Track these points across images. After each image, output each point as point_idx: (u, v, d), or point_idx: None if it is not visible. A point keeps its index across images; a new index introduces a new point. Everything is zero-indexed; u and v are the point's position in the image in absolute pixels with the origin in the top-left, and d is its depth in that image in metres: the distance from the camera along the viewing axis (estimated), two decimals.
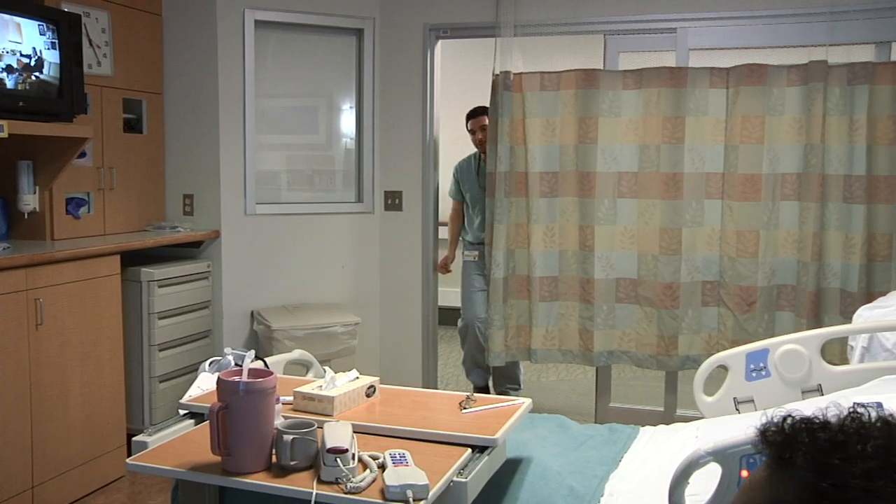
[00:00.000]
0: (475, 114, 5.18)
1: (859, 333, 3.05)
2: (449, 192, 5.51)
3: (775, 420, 0.98)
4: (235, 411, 2.10)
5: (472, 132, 5.19)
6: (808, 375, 2.92)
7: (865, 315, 3.23)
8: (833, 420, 0.96)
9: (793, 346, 2.95)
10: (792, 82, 4.17)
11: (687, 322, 4.42)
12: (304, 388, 2.59)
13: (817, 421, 0.96)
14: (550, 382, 5.82)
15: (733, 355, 3.03)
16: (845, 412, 0.96)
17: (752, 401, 2.95)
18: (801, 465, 0.93)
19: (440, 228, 5.28)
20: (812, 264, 4.20)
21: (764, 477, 0.98)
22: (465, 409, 2.57)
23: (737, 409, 2.97)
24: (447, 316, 6.02)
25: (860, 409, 0.97)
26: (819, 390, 2.88)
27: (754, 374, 3.03)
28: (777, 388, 2.94)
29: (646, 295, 4.49)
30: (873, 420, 0.95)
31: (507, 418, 2.48)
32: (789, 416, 0.98)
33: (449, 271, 5.51)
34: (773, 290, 4.31)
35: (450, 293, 6.25)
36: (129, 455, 3.88)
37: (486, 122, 4.87)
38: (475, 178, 5.27)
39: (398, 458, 2.19)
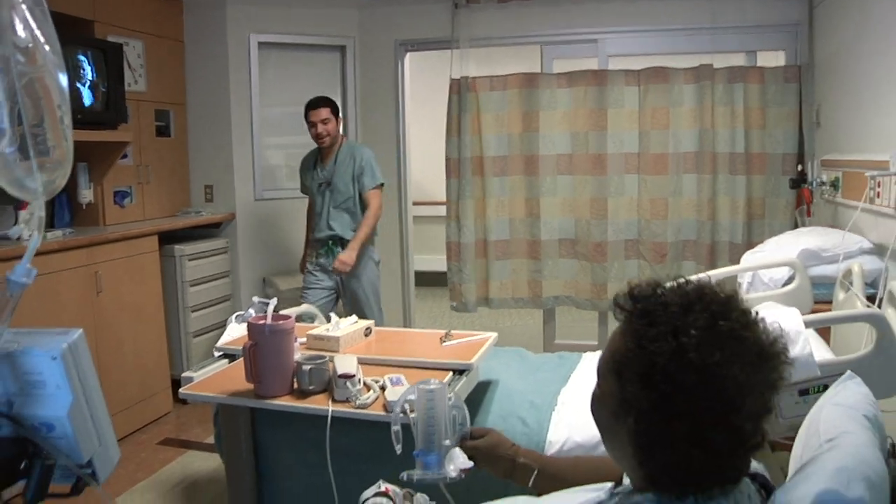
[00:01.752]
0: (314, 105, 4.01)
1: (744, 272, 3.14)
2: (301, 188, 4.35)
3: (625, 289, 1.10)
4: (263, 347, 2.17)
5: (311, 125, 4.02)
6: None
7: (748, 258, 3.35)
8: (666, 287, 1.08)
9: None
10: (688, 80, 4.27)
11: (614, 272, 4.52)
12: (315, 331, 2.66)
13: (653, 288, 1.08)
14: (506, 327, 5.90)
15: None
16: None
17: None
18: (632, 315, 1.05)
19: (410, 208, 5.25)
20: (707, 223, 4.33)
21: (617, 329, 1.09)
22: (444, 342, 2.61)
23: None
24: (422, 278, 6.06)
25: (689, 279, 1.09)
26: None
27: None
28: None
29: (581, 251, 4.58)
30: (695, 284, 1.07)
31: (479, 347, 2.53)
32: (636, 286, 1.09)
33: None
34: (679, 244, 4.42)
35: (424, 259, 6.31)
36: (174, 396, 3.99)
37: (326, 114, 3.98)
38: (312, 172, 4.17)
39: (395, 380, 2.26)
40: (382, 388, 2.21)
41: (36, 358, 0.74)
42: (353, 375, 2.17)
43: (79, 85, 3.78)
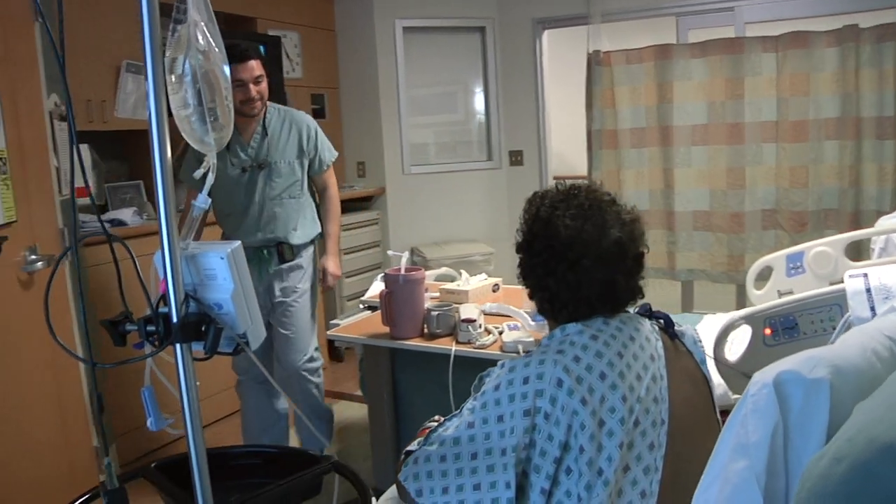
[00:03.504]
0: (241, 57, 2.83)
1: (873, 235, 3.12)
2: (180, 175, 3.02)
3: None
4: (397, 295, 2.50)
5: (238, 85, 2.81)
6: (835, 270, 2.97)
7: (883, 222, 3.31)
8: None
9: (822, 248, 3.03)
10: (830, 44, 4.15)
11: (751, 244, 4.49)
12: (447, 286, 2.97)
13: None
14: (648, 298, 5.97)
15: (776, 257, 3.09)
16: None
17: (792, 291, 3.06)
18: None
19: (550, 179, 5.44)
20: (850, 190, 4.21)
21: None
22: None
23: (780, 298, 3.11)
24: None
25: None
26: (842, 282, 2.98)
27: (793, 272, 3.09)
28: (810, 281, 3.01)
29: (717, 223, 4.58)
30: (581, 188, 1.49)
31: None
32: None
33: None
34: (820, 213, 4.34)
35: None
36: (330, 353, 4.45)
37: (259, 70, 2.90)
38: (223, 154, 2.91)
39: (513, 326, 2.54)
40: (500, 333, 2.49)
41: (210, 258, 1.09)
42: (475, 320, 2.47)
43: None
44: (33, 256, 2.67)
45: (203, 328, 1.05)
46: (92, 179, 3.54)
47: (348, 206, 5.03)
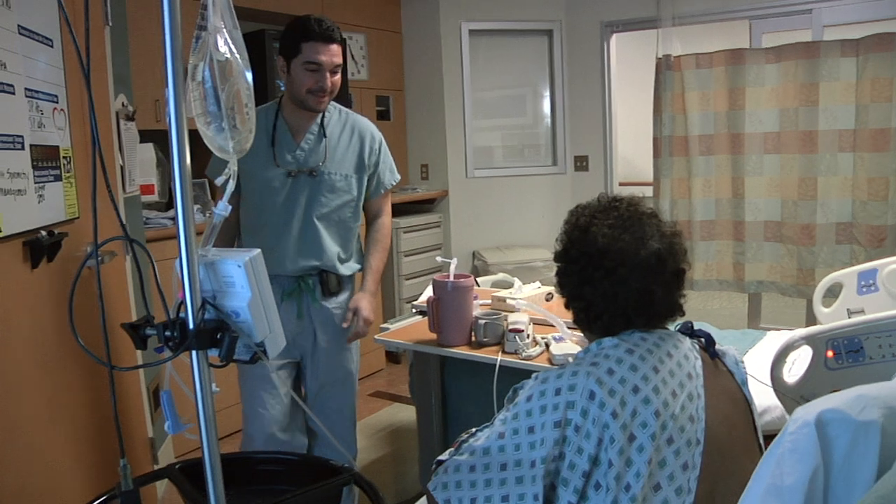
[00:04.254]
0: (326, 36, 2.35)
1: None
2: (207, 171, 2.45)
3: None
4: (444, 301, 2.46)
5: (311, 67, 2.34)
6: None
7: None
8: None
9: None
10: None
11: (822, 257, 4.31)
12: (498, 293, 2.93)
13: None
14: (713, 309, 5.85)
15: (847, 274, 2.94)
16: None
17: (863, 311, 2.88)
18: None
19: (616, 186, 5.35)
20: None
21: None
22: None
23: (849, 317, 2.98)
24: None
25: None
26: None
27: (864, 290, 2.96)
28: (884, 300, 2.87)
29: (787, 234, 4.43)
30: (623, 200, 1.50)
31: None
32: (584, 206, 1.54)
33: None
34: None
35: None
36: (387, 355, 4.47)
37: (339, 58, 2.40)
38: (265, 150, 2.41)
39: (558, 338, 2.48)
40: (547, 345, 2.44)
41: (228, 266, 1.09)
42: (523, 330, 2.42)
43: None
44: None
45: (219, 336, 1.05)
46: (156, 177, 3.63)
47: (411, 208, 5.05)
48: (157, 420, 3.06)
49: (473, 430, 1.54)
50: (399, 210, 4.88)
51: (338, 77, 2.43)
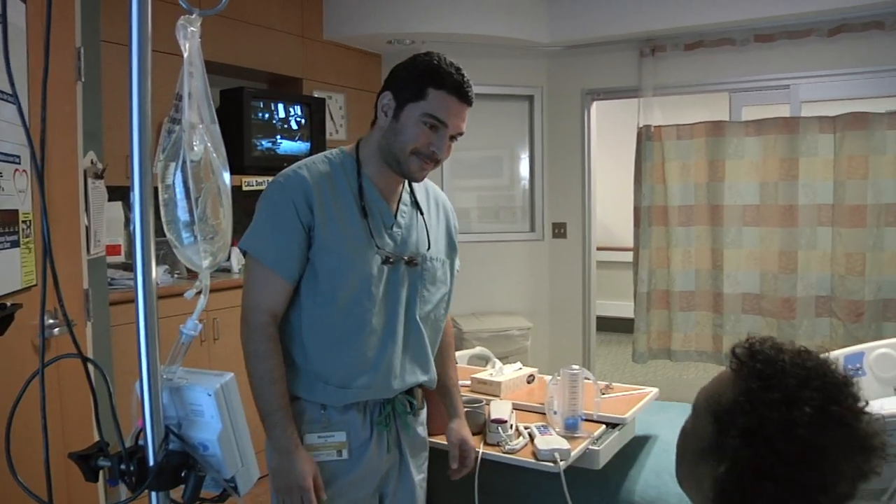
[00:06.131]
0: (463, 96, 1.77)
1: None
2: (241, 244, 1.73)
3: (743, 342, 1.11)
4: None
5: (434, 125, 1.73)
6: None
7: None
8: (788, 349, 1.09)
9: (885, 349, 2.86)
10: (892, 126, 4.00)
11: (803, 330, 4.29)
12: (479, 375, 2.78)
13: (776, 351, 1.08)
14: (689, 379, 5.76)
15: (833, 357, 2.96)
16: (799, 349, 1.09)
17: None
18: (748, 371, 1.06)
19: (594, 253, 5.29)
20: None
21: (725, 374, 1.11)
22: (603, 394, 2.61)
23: None
24: (604, 323, 6.08)
25: (810, 351, 1.10)
26: None
27: (851, 374, 2.94)
28: (871, 385, 2.81)
29: (767, 307, 4.41)
30: (816, 359, 1.08)
31: (636, 403, 2.53)
32: (756, 341, 1.10)
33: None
34: (878, 303, 4.13)
35: (607, 305, 6.32)
36: None
37: (464, 127, 1.82)
38: (358, 222, 1.73)
39: (543, 429, 2.37)
40: (531, 436, 2.33)
41: (197, 393, 0.97)
42: (506, 421, 2.31)
43: (284, 139, 4.27)
44: (51, 321, 2.60)
45: (183, 472, 0.93)
46: (123, 238, 3.51)
47: None
48: None
49: None
50: None
51: (452, 146, 1.82)
